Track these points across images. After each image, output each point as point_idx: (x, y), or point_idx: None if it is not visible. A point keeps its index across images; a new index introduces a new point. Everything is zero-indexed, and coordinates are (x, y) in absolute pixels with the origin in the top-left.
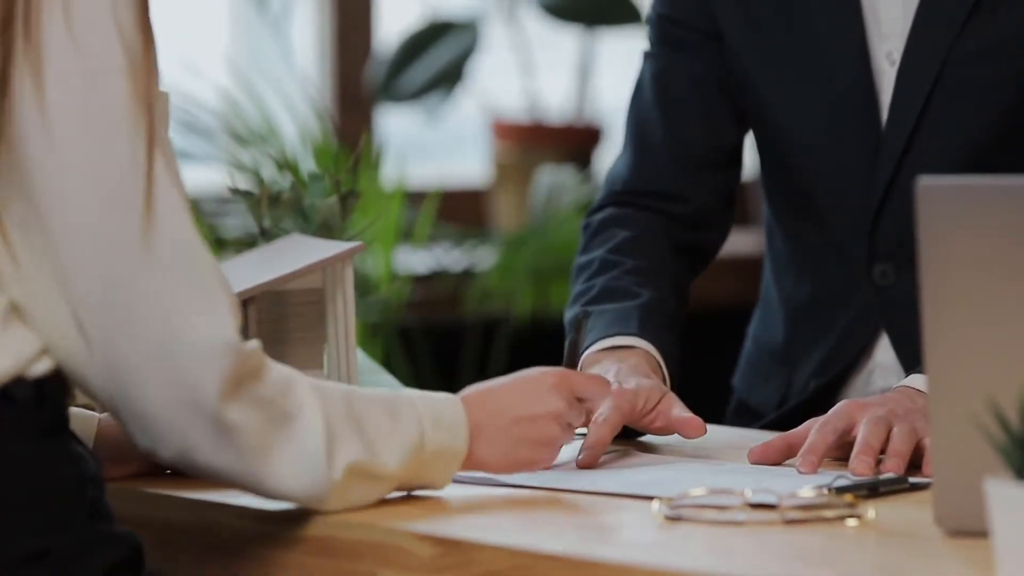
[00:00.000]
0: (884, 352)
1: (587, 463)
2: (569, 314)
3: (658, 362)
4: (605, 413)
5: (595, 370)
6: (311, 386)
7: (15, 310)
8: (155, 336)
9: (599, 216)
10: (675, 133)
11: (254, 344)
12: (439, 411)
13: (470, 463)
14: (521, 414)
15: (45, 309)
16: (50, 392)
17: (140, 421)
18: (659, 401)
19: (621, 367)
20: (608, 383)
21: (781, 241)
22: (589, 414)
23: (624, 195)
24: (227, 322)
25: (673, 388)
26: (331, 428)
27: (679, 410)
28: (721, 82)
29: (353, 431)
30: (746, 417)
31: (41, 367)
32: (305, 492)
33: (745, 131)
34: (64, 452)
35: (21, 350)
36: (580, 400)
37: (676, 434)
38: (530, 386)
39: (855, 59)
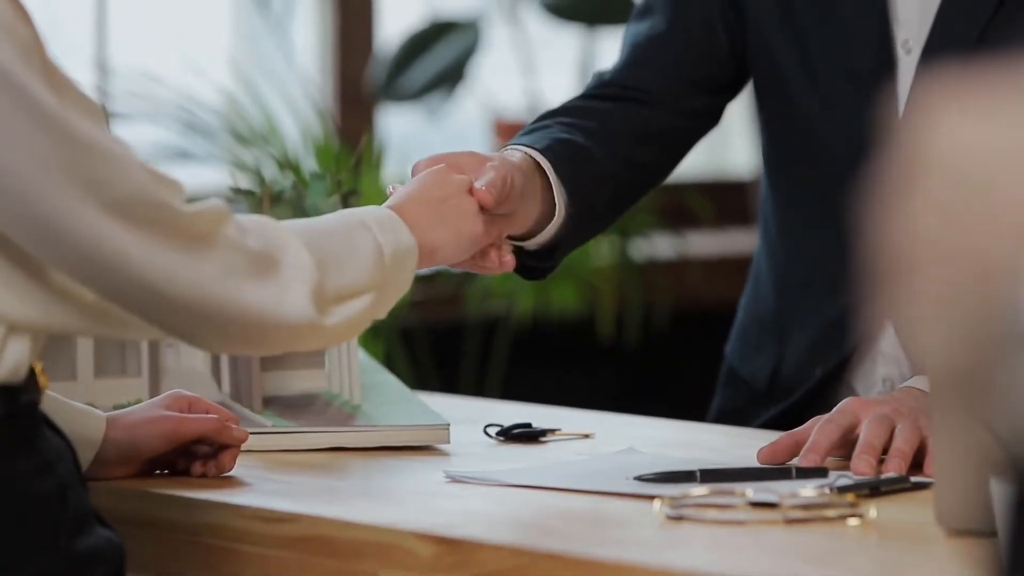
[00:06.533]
0: (888, 340)
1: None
2: None
3: (536, 162)
4: None
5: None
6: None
7: None
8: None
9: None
10: (674, 50)
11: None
12: (380, 218)
13: (427, 254)
14: (437, 196)
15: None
16: (19, 398)
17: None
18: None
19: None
20: (478, 154)
21: (777, 214)
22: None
23: (600, 87)
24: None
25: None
26: (312, 250)
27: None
28: (727, 21)
29: (325, 255)
30: (736, 386)
31: (10, 362)
32: (304, 307)
33: (737, 74)
34: (40, 462)
35: None
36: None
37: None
38: (429, 179)
39: (876, 44)
